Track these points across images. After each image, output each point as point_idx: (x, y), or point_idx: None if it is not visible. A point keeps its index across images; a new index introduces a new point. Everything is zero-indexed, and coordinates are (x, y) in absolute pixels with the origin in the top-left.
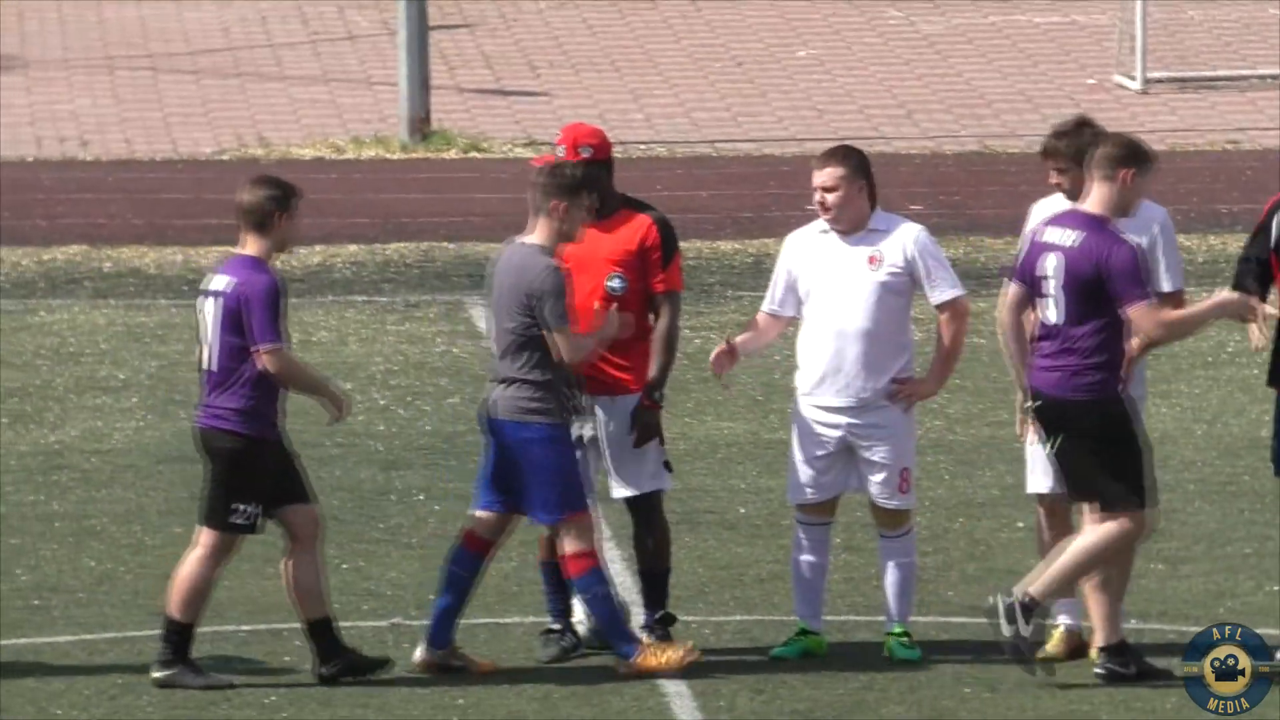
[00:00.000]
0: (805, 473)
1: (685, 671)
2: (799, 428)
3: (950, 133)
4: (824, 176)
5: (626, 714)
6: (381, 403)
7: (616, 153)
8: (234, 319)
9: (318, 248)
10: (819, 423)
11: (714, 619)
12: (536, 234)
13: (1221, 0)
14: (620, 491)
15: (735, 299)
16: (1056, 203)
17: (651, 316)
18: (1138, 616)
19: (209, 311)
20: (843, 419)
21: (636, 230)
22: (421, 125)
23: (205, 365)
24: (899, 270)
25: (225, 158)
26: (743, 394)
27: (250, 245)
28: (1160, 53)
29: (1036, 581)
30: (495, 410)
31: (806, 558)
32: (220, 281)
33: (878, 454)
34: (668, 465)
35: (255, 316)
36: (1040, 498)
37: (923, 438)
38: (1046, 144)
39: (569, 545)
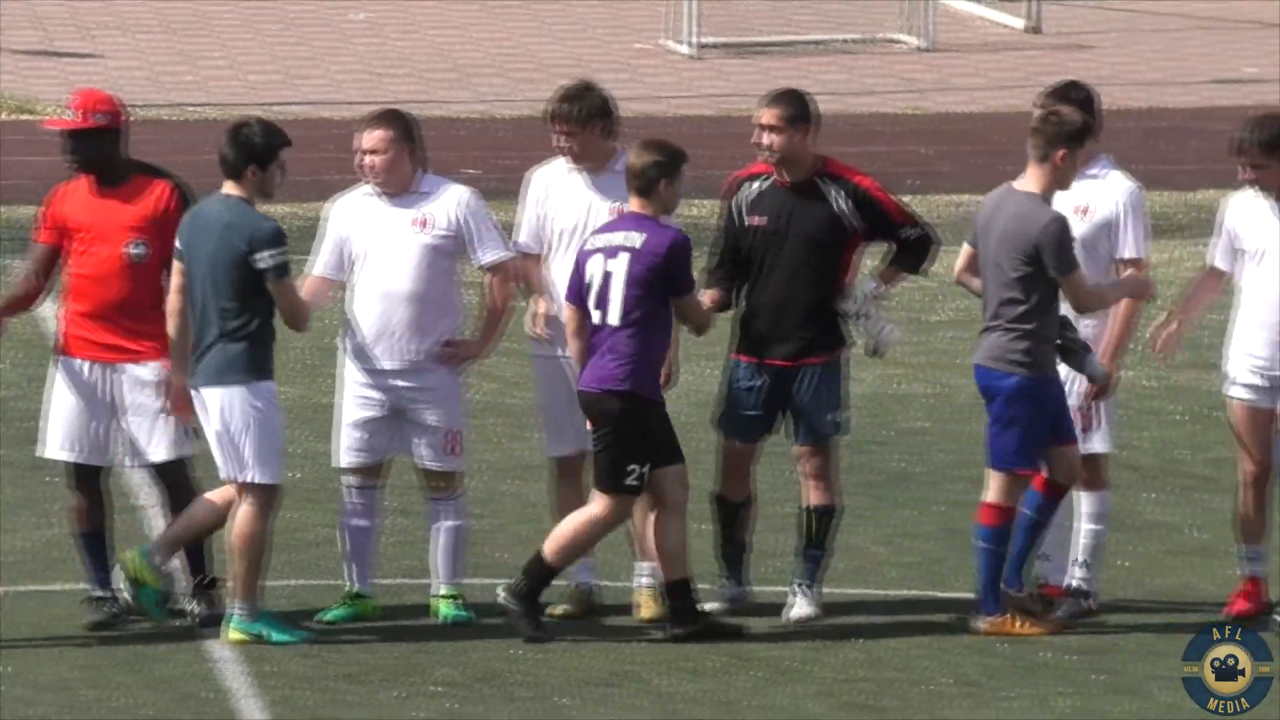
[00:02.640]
0: (354, 436)
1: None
2: (348, 391)
3: (504, 97)
4: (370, 139)
5: (174, 680)
6: None
7: (169, 114)
8: (648, 276)
9: None
10: (368, 385)
11: (265, 583)
12: (1032, 181)
13: None
14: (147, 458)
15: (292, 261)
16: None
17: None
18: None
19: (615, 268)
20: (393, 382)
21: (154, 196)
22: None
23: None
24: (446, 233)
25: None
26: (295, 359)
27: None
28: (712, 18)
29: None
30: (976, 355)
31: (357, 521)
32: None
33: (427, 417)
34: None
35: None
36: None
37: (476, 401)
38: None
39: (995, 495)
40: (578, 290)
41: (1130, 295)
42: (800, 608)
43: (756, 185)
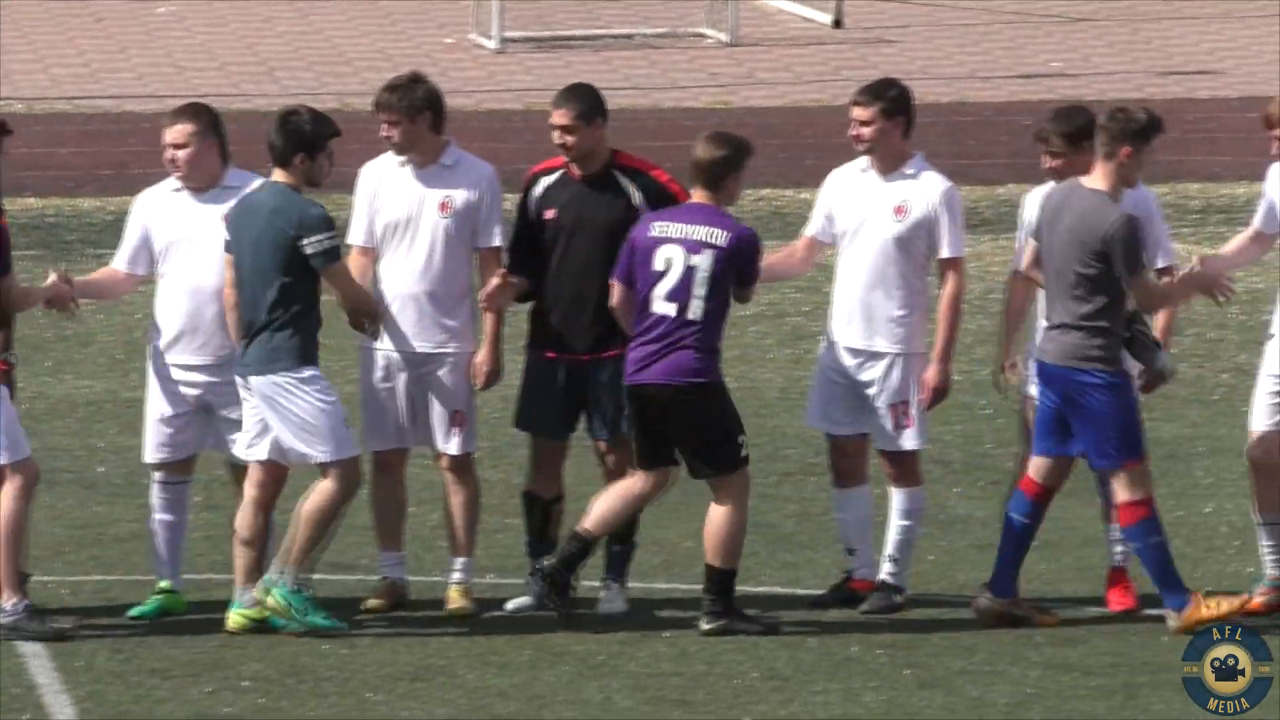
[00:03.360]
0: (162, 431)
1: (46, 633)
2: (156, 386)
3: (311, 90)
4: (174, 134)
5: None
6: None
7: None
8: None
9: None
10: (176, 381)
11: (72, 579)
12: (1099, 178)
13: None
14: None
15: (95, 256)
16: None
17: None
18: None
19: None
20: (201, 377)
21: None
22: None
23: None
24: None
25: None
26: (103, 352)
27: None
28: (517, 12)
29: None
30: (1048, 355)
31: (165, 516)
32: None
33: (236, 412)
34: None
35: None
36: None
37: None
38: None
39: (1123, 493)
40: (630, 273)
41: (1198, 293)
42: (609, 603)
43: (550, 179)
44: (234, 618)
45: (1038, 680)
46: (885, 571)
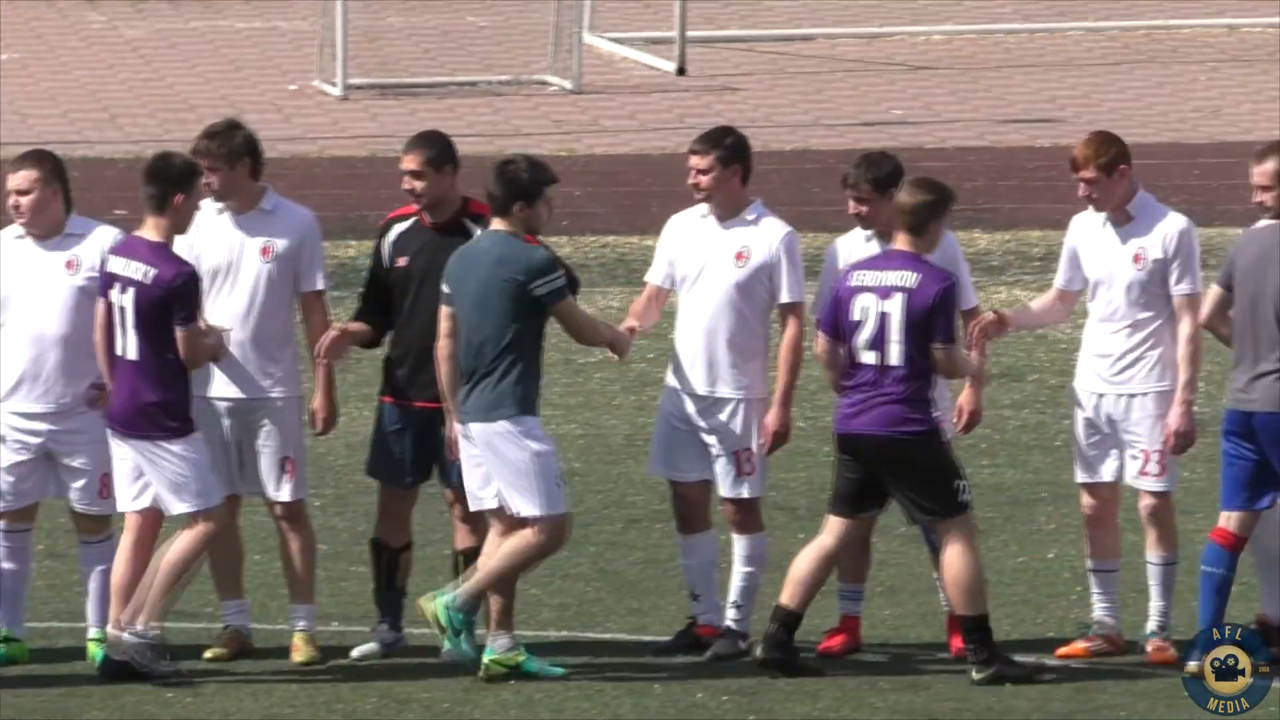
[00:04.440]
0: (4, 480)
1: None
2: None
3: (154, 137)
4: (18, 180)
5: None
6: None
7: None
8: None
9: None
10: (18, 429)
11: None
12: None
13: (421, 8)
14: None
15: None
16: None
17: None
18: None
19: (891, 309)
20: (43, 425)
21: None
22: None
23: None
24: (95, 273)
25: None
26: None
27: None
28: (361, 59)
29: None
30: (1256, 404)
31: (7, 565)
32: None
33: (78, 460)
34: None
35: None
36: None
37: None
38: None
39: None
40: (835, 324)
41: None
42: (453, 652)
43: (404, 226)
44: (489, 665)
45: None
46: (730, 618)
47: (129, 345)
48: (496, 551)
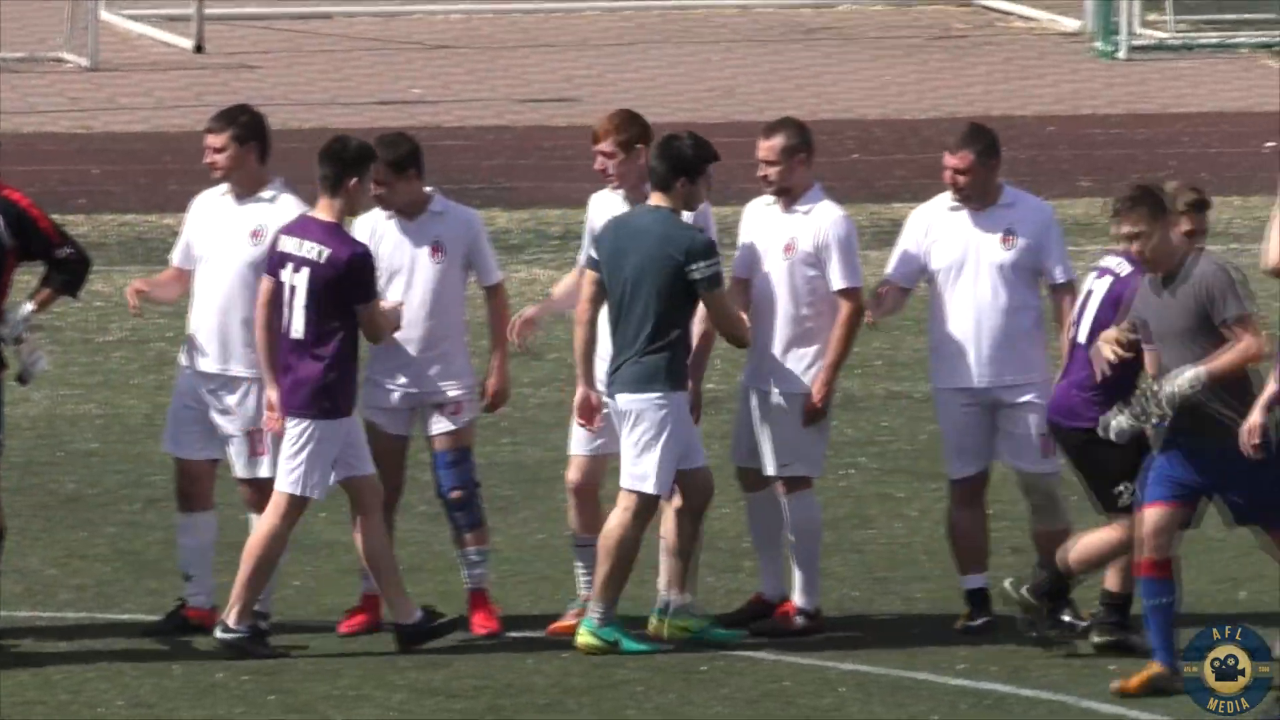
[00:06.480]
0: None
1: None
2: None
3: None
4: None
5: None
6: None
7: None
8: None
9: None
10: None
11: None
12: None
13: None
14: None
15: None
16: None
17: None
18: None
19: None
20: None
21: None
22: None
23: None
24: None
25: None
26: None
27: None
28: None
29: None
30: None
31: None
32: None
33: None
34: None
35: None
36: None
37: None
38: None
39: None
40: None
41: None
42: None
43: None
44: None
45: (402, 704)
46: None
47: (297, 323)
48: (669, 530)
